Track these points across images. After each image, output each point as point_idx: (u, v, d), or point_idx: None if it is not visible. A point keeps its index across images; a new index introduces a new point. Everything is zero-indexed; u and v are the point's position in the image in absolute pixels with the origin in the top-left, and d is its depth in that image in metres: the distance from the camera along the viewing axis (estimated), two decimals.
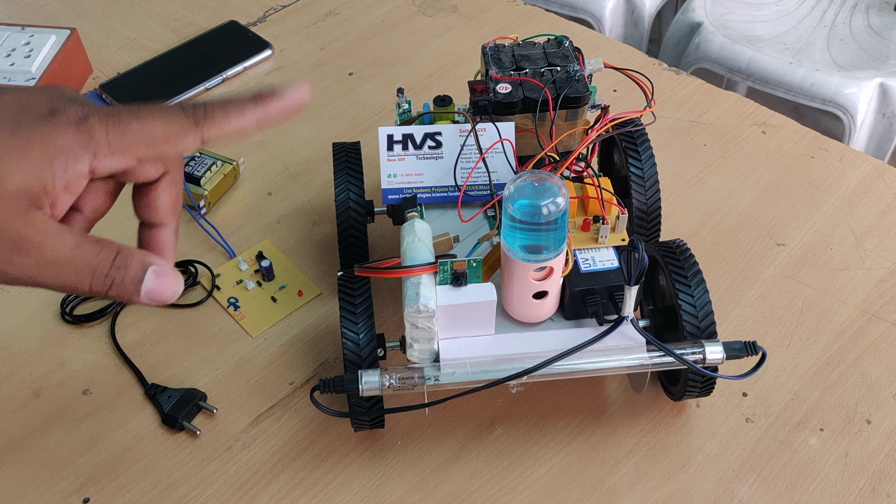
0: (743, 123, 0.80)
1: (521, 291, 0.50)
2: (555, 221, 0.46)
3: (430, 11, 0.97)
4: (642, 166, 0.60)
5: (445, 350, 0.50)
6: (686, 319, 0.51)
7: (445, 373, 0.50)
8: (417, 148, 0.58)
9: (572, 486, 0.54)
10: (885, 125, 1.30)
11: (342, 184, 0.60)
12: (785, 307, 0.64)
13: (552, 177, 0.47)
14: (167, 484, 0.55)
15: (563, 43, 0.62)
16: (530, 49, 0.61)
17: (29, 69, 0.80)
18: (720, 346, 0.50)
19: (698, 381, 0.53)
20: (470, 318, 0.50)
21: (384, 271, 0.49)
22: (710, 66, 1.36)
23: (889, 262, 0.67)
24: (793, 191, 0.73)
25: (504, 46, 0.61)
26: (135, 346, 0.62)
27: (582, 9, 1.51)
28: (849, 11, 1.46)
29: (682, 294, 0.51)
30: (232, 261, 0.68)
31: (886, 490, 0.53)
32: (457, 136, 0.59)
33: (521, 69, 0.59)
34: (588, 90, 0.58)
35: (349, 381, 0.49)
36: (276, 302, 0.65)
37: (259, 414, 0.59)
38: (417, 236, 0.51)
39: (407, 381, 0.49)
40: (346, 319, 0.50)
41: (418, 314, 0.47)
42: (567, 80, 0.58)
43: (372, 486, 0.55)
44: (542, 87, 0.57)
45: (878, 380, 0.59)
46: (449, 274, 0.49)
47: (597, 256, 0.53)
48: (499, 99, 0.57)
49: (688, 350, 0.50)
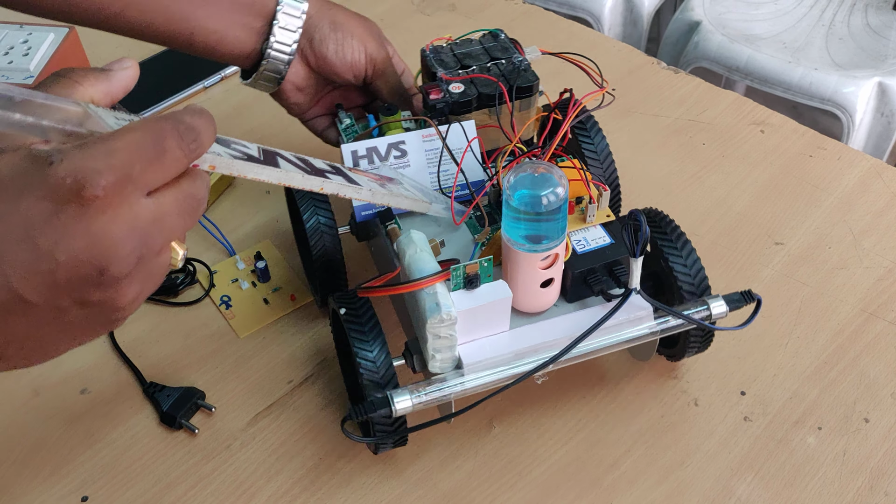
0: (741, 122, 0.80)
1: (528, 282, 0.50)
2: (559, 209, 0.47)
3: (428, 10, 0.97)
4: (595, 144, 0.62)
5: (466, 354, 0.50)
6: (682, 280, 0.52)
7: (471, 377, 0.49)
8: (383, 160, 0.58)
9: (571, 485, 0.54)
10: (884, 124, 1.30)
11: (309, 209, 0.58)
12: (783, 306, 0.64)
13: (552, 167, 0.47)
14: (166, 483, 0.55)
15: (499, 36, 0.63)
16: (469, 46, 0.62)
17: (27, 67, 0.80)
18: (722, 301, 0.52)
19: (698, 338, 0.55)
20: (486, 318, 0.50)
21: (393, 288, 0.48)
22: (709, 64, 1.36)
23: (887, 261, 0.67)
24: (791, 190, 0.74)
25: (443, 47, 0.62)
26: (133, 345, 0.62)
27: (581, 7, 1.51)
28: (847, 10, 1.46)
29: (672, 258, 0.53)
30: (230, 259, 0.68)
31: (884, 488, 0.53)
32: (420, 142, 0.58)
33: (467, 67, 0.60)
34: (537, 78, 0.59)
35: (380, 404, 0.47)
36: (268, 304, 0.65)
37: (258, 413, 0.59)
38: (419, 247, 0.50)
39: (436, 394, 0.49)
40: (358, 343, 0.49)
41: (441, 324, 0.47)
42: (515, 71, 0.59)
43: (371, 484, 0.55)
44: (496, 80, 0.58)
45: (876, 378, 0.59)
46: (462, 278, 0.48)
47: (588, 236, 0.53)
48: (455, 99, 0.58)
49: (694, 309, 0.52)
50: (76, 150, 0.31)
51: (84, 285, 0.32)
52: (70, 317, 0.33)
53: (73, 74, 0.35)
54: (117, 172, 0.31)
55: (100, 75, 0.36)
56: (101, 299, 0.32)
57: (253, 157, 0.39)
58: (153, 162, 0.32)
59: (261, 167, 0.39)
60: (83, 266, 0.31)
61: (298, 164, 0.43)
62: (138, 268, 0.33)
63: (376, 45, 0.63)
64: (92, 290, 0.32)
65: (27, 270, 0.30)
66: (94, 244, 0.31)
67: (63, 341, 0.34)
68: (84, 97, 0.34)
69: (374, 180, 0.52)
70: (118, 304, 0.33)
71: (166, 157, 0.33)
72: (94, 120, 0.33)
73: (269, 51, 0.59)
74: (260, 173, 0.39)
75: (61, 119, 0.32)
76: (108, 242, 0.31)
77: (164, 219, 0.33)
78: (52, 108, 0.32)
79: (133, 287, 0.33)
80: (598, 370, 0.60)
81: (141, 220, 0.32)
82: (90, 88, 0.35)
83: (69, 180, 0.30)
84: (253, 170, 0.38)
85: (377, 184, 0.51)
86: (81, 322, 0.33)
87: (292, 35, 0.60)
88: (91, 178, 0.30)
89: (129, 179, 0.31)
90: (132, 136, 0.32)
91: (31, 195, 0.30)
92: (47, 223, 0.30)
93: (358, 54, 0.62)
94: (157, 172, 0.33)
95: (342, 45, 0.61)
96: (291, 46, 0.60)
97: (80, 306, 0.32)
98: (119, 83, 0.36)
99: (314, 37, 0.61)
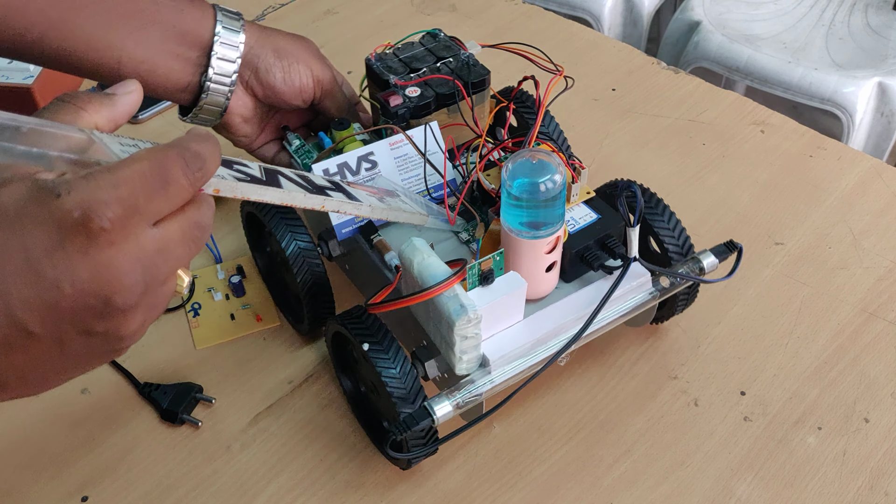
0: (742, 122, 0.80)
1: (534, 268, 0.51)
2: (559, 193, 0.48)
3: (428, 10, 0.97)
4: (547, 126, 0.63)
5: (490, 351, 0.50)
6: (668, 244, 0.55)
7: (498, 373, 0.50)
8: (355, 174, 0.57)
9: (571, 485, 0.54)
10: (884, 124, 1.30)
11: (286, 235, 0.56)
12: (783, 306, 0.64)
13: (551, 155, 0.48)
14: (167, 484, 0.55)
15: (439, 35, 0.63)
16: (412, 50, 0.62)
17: (27, 67, 0.80)
18: (710, 254, 0.55)
19: (686, 296, 0.58)
20: (504, 311, 0.50)
21: (411, 298, 0.47)
22: (709, 65, 1.36)
23: (887, 261, 0.67)
24: (791, 190, 0.74)
25: (386, 54, 0.62)
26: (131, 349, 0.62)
27: (581, 7, 1.51)
28: (847, 10, 1.46)
29: (657, 224, 0.55)
30: (213, 266, 0.68)
31: (884, 488, 0.53)
32: (389, 150, 0.58)
33: (417, 70, 0.60)
34: (488, 71, 0.60)
35: (420, 416, 0.47)
36: (234, 320, 0.64)
37: (258, 413, 0.59)
38: (425, 254, 0.49)
39: (472, 394, 0.49)
40: (380, 361, 0.48)
41: (469, 323, 0.47)
42: (464, 67, 0.60)
43: (371, 485, 0.55)
44: (451, 79, 0.59)
45: (876, 378, 0.59)
46: (477, 276, 0.49)
47: (574, 215, 0.54)
48: (415, 103, 0.58)
49: (687, 268, 0.55)
50: (83, 182, 0.30)
51: (88, 316, 0.31)
52: (73, 347, 0.32)
53: (77, 100, 0.34)
54: (124, 204, 0.31)
55: (104, 100, 0.35)
56: (105, 329, 0.32)
57: (255, 177, 0.39)
58: (159, 192, 0.32)
59: (264, 188, 0.39)
60: (88, 297, 0.31)
61: (300, 183, 0.43)
62: (143, 298, 0.33)
63: (320, 66, 0.61)
64: (96, 321, 0.32)
65: (31, 302, 0.30)
66: (99, 275, 0.31)
67: (66, 371, 0.34)
68: (88, 124, 0.34)
69: (373, 194, 0.51)
70: (122, 334, 0.33)
71: (172, 186, 0.32)
72: (98, 147, 0.32)
73: (208, 83, 0.57)
74: (263, 195, 0.39)
75: (66, 148, 0.32)
76: (114, 274, 0.31)
77: (170, 248, 0.33)
78: (57, 137, 0.31)
79: (137, 317, 0.33)
80: (598, 370, 0.60)
81: (146, 250, 0.32)
82: (94, 115, 0.34)
83: (76, 213, 0.30)
84: (256, 192, 0.38)
85: (376, 198, 0.50)
86: (84, 352, 0.33)
87: (232, 66, 0.57)
88: (98, 211, 0.30)
89: (135, 211, 0.31)
90: (138, 166, 0.31)
91: (37, 227, 0.30)
92: (52, 255, 0.30)
93: (306, 79, 0.60)
94: (163, 202, 0.32)
95: (289, 71, 0.60)
96: (232, 77, 0.57)
97: (83, 336, 0.32)
98: (123, 108, 0.36)
99: (258, 67, 0.59)
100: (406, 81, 0.59)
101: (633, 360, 0.61)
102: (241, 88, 0.60)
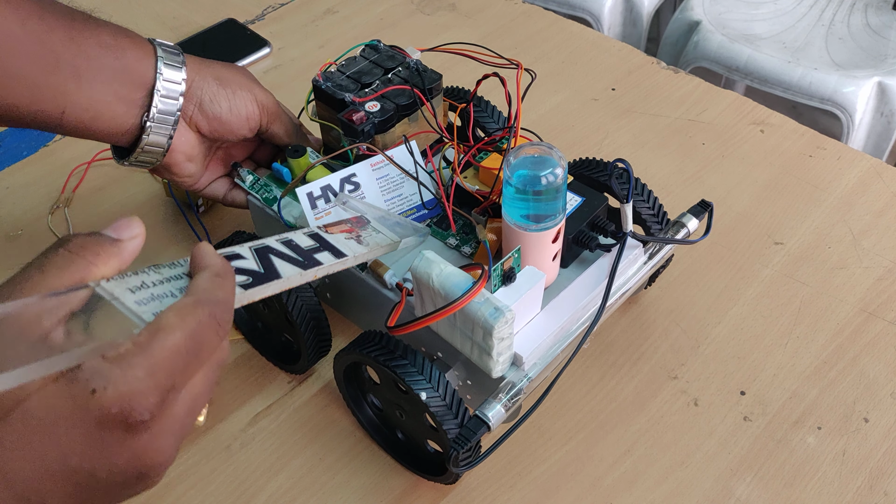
0: (741, 122, 0.81)
1: (541, 259, 0.51)
2: (563, 183, 0.48)
3: (428, 10, 0.97)
4: (494, 118, 0.64)
5: (521, 348, 0.50)
6: (645, 216, 0.57)
7: (533, 368, 0.50)
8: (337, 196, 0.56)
9: (571, 485, 0.54)
10: (884, 124, 1.30)
11: None
12: (783, 306, 0.64)
13: (552, 148, 0.48)
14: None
15: (379, 46, 0.63)
16: (357, 65, 0.61)
17: None
18: (692, 216, 0.58)
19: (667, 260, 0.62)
20: (527, 305, 0.50)
21: (440, 312, 0.46)
22: (709, 64, 1.36)
23: (887, 261, 0.67)
24: (791, 190, 0.74)
25: (333, 73, 0.60)
26: None
27: (580, 7, 1.51)
28: (847, 10, 1.46)
29: (637, 200, 0.57)
30: None
31: (884, 488, 0.53)
32: (370, 172, 0.57)
33: (368, 84, 0.59)
34: (440, 75, 0.60)
35: (476, 426, 0.46)
36: None
37: (257, 413, 0.59)
38: (441, 265, 0.48)
39: (519, 393, 0.49)
40: (416, 382, 0.47)
41: (506, 324, 0.46)
42: (415, 74, 0.60)
43: (370, 485, 0.55)
44: (408, 88, 0.58)
45: (875, 378, 0.59)
46: (500, 276, 0.49)
47: None
48: (379, 117, 0.57)
49: (674, 233, 0.58)
50: (117, 372, 0.29)
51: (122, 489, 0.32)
52: None
53: (86, 252, 0.32)
54: (161, 390, 0.30)
55: (111, 251, 0.33)
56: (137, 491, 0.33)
57: (253, 271, 0.38)
58: (193, 363, 0.31)
59: (265, 286, 0.38)
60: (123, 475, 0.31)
61: (291, 257, 0.41)
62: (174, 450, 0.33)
63: (262, 91, 0.59)
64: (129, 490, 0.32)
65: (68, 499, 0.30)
66: (136, 458, 0.31)
67: None
68: (96, 277, 0.32)
69: (348, 233, 0.49)
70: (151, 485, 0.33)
71: (205, 351, 0.32)
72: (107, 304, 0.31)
73: (150, 124, 0.54)
74: (265, 291, 0.38)
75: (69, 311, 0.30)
76: (151, 455, 0.31)
77: (198, 402, 0.33)
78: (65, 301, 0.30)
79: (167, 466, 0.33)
80: (598, 370, 0.60)
81: (179, 418, 0.32)
82: (103, 267, 0.32)
83: (114, 409, 0.29)
84: (260, 291, 0.38)
85: (353, 240, 0.49)
86: None
87: (175, 103, 0.54)
88: (138, 404, 0.29)
89: (172, 390, 0.31)
90: (171, 342, 0.30)
91: (75, 429, 0.29)
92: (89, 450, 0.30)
93: (251, 105, 0.58)
94: (196, 367, 0.32)
95: (234, 99, 0.57)
96: (175, 115, 0.54)
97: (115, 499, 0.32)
98: (130, 255, 0.34)
99: (203, 99, 0.56)
100: (363, 98, 0.58)
101: (633, 360, 0.61)
102: (183, 125, 0.56)
